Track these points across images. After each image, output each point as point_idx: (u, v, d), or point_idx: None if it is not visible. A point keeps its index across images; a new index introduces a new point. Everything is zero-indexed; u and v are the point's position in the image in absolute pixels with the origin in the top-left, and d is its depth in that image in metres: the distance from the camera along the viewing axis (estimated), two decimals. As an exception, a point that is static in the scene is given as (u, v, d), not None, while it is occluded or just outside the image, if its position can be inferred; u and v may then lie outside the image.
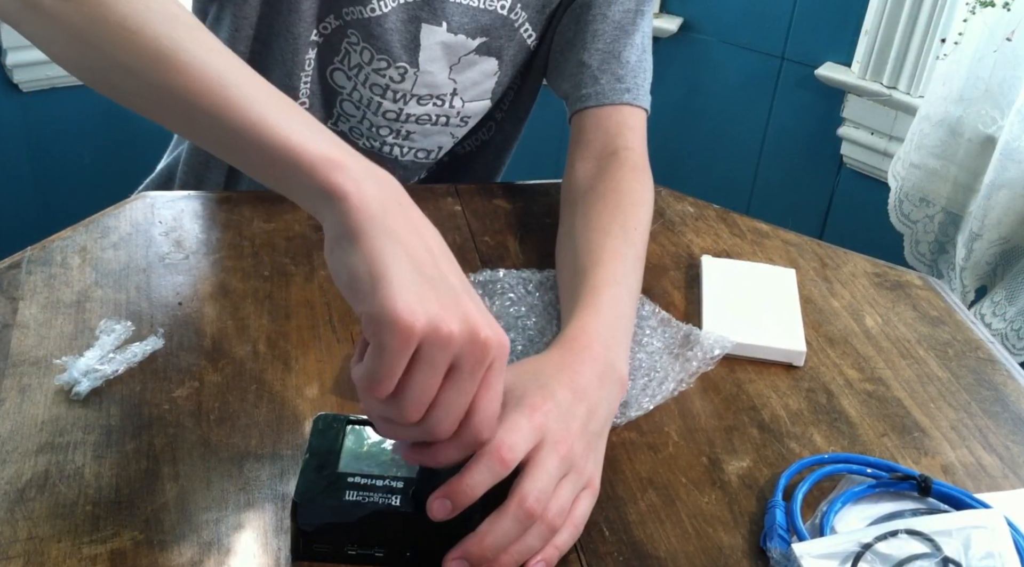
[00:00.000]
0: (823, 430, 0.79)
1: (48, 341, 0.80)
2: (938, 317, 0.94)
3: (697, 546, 0.68)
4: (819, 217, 2.20)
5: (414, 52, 1.01)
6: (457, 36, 1.02)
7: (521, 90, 1.14)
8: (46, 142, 2.04)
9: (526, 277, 0.92)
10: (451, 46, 1.02)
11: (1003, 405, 0.84)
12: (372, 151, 1.12)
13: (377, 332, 0.55)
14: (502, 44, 1.05)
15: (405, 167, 1.15)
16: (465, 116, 1.11)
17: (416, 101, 1.06)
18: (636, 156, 0.97)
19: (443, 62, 1.03)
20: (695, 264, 0.98)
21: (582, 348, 0.73)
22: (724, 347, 0.85)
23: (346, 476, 0.64)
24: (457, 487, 0.61)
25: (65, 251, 0.91)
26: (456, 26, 1.01)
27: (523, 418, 0.64)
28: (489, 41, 1.04)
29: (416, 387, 0.57)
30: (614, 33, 1.02)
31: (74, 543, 0.63)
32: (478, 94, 1.09)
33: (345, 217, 0.58)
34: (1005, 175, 1.70)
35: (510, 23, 1.04)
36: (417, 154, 1.14)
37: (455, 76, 1.05)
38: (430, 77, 1.04)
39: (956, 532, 0.64)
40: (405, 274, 0.56)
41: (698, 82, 2.27)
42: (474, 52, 1.04)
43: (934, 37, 1.90)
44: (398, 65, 1.02)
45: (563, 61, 1.05)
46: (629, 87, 1.01)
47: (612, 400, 0.73)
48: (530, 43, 1.07)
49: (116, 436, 0.72)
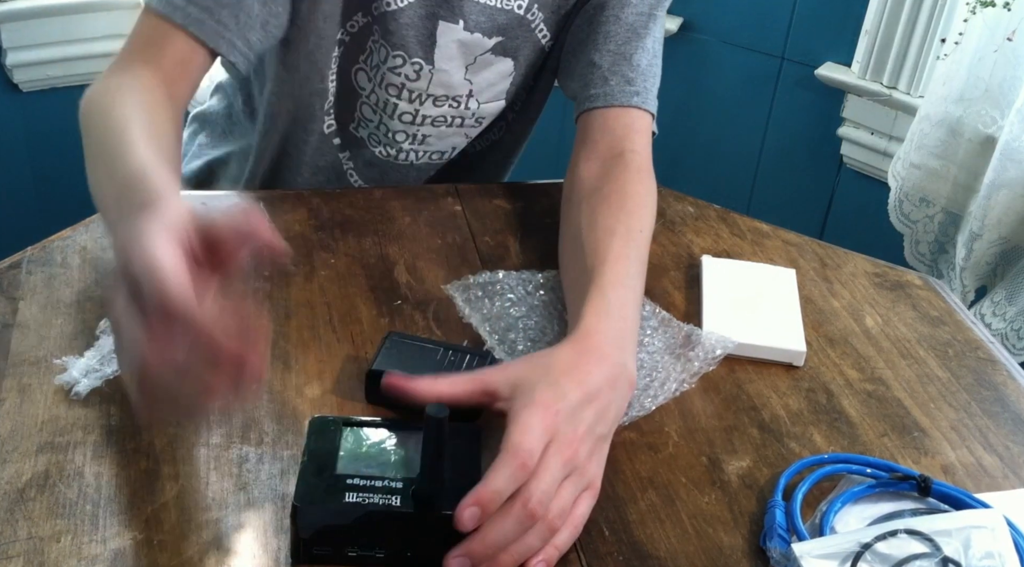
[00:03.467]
0: (823, 430, 0.79)
1: (48, 341, 0.80)
2: (938, 317, 0.94)
3: (697, 546, 0.68)
4: (819, 217, 2.20)
5: (430, 49, 1.01)
6: (474, 35, 1.02)
7: (534, 90, 1.14)
8: (46, 142, 2.04)
9: (526, 278, 0.92)
10: (467, 44, 1.02)
11: (1003, 405, 0.84)
12: (387, 159, 1.12)
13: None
14: (518, 44, 1.05)
15: (418, 169, 1.15)
16: (480, 117, 1.11)
17: (432, 102, 1.06)
18: (641, 159, 0.97)
19: (459, 61, 1.03)
20: (695, 264, 0.98)
21: (594, 348, 0.74)
22: (726, 347, 0.85)
23: (345, 478, 0.64)
24: (484, 495, 0.62)
25: (65, 251, 0.91)
26: (473, 24, 1.01)
27: (535, 418, 0.65)
28: (505, 41, 1.04)
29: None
30: (626, 35, 1.01)
31: (74, 543, 0.63)
32: (493, 95, 1.09)
33: None
34: (1005, 175, 1.70)
35: (526, 23, 1.04)
36: (431, 156, 1.14)
37: (471, 77, 1.05)
38: (445, 76, 1.04)
39: (956, 532, 0.64)
40: None
41: (698, 82, 2.27)
42: (490, 52, 1.04)
43: (934, 37, 1.90)
44: (413, 61, 1.02)
45: (574, 61, 1.05)
46: (638, 90, 1.00)
47: (621, 402, 0.74)
48: (544, 44, 1.07)
49: (116, 436, 0.72)
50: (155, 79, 0.88)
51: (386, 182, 1.15)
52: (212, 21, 0.89)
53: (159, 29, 0.90)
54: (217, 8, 0.90)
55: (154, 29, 0.90)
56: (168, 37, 0.89)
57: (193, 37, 0.89)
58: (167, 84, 0.89)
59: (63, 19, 1.95)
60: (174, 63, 0.90)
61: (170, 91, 0.89)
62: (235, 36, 0.91)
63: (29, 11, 1.90)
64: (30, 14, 1.91)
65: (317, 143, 1.11)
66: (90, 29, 1.97)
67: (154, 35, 0.90)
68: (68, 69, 1.97)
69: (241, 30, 0.91)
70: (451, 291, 0.90)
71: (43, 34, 1.94)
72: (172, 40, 0.90)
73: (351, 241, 0.97)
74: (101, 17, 1.97)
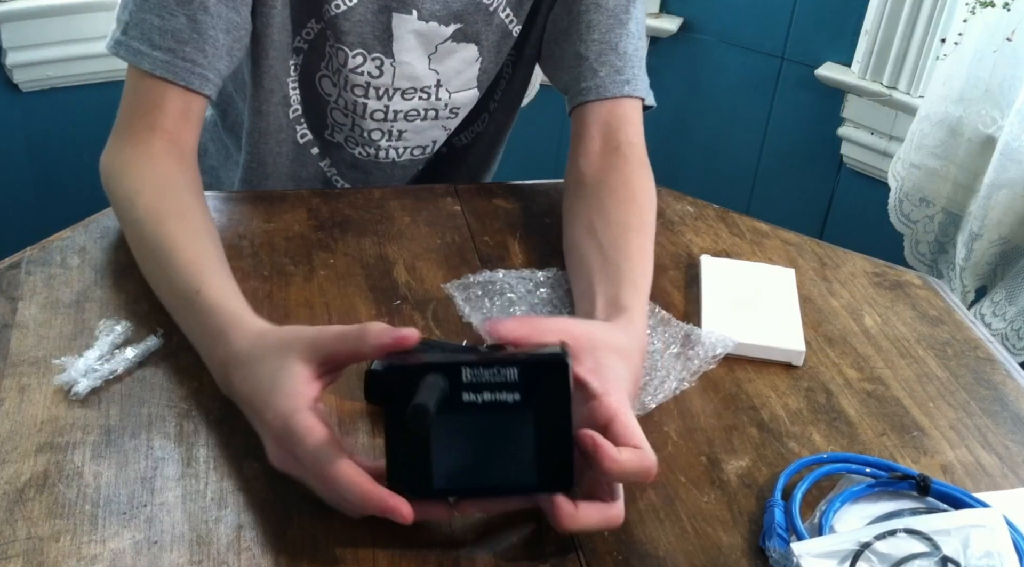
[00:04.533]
0: (822, 429, 0.79)
1: (47, 341, 0.80)
2: (937, 316, 0.94)
3: (696, 545, 0.68)
4: (819, 217, 2.20)
5: (388, 42, 1.01)
6: (429, 24, 1.01)
7: (512, 79, 1.14)
8: (46, 142, 2.04)
9: (526, 276, 0.92)
10: (425, 34, 1.02)
11: (1002, 404, 0.84)
12: (368, 158, 1.12)
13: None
14: (479, 30, 1.05)
15: (403, 167, 1.15)
16: (454, 107, 1.10)
17: (401, 96, 1.06)
18: (639, 151, 1.00)
19: (420, 51, 1.03)
20: (694, 264, 0.98)
21: (635, 351, 0.76)
22: (726, 346, 0.85)
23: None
24: (612, 461, 0.63)
25: (65, 251, 0.91)
26: (428, 13, 1.01)
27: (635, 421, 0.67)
28: (465, 27, 1.04)
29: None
30: (609, 23, 1.02)
31: (73, 543, 0.64)
32: (463, 83, 1.09)
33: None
34: (1005, 175, 1.70)
35: (484, 8, 1.03)
36: (413, 152, 1.14)
37: (436, 66, 1.05)
38: (409, 68, 1.04)
39: (955, 531, 0.64)
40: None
41: (698, 82, 2.27)
42: (451, 40, 1.04)
43: (934, 37, 1.90)
44: (373, 56, 1.02)
45: (559, 52, 1.05)
46: (628, 79, 1.01)
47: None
48: (512, 29, 1.07)
49: (115, 436, 0.72)
50: (162, 144, 0.90)
51: (372, 183, 1.15)
52: (179, 60, 0.90)
53: (145, 84, 0.91)
54: (179, 47, 0.90)
55: (142, 84, 0.91)
56: (157, 92, 0.91)
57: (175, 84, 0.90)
58: (175, 142, 0.91)
59: (63, 19, 1.95)
60: (175, 119, 0.91)
61: (181, 150, 0.91)
62: (206, 70, 0.91)
63: (29, 11, 1.90)
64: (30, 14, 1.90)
65: (294, 154, 1.11)
66: (90, 29, 1.97)
67: (149, 95, 0.91)
68: (68, 69, 1.96)
69: (211, 62, 0.91)
70: (451, 291, 0.90)
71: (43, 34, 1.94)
72: (165, 95, 0.91)
73: (350, 241, 0.97)
74: (101, 17, 1.97)
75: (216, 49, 0.92)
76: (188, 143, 0.93)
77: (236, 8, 0.93)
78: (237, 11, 0.93)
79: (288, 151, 1.10)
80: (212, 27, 0.91)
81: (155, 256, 0.83)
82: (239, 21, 0.94)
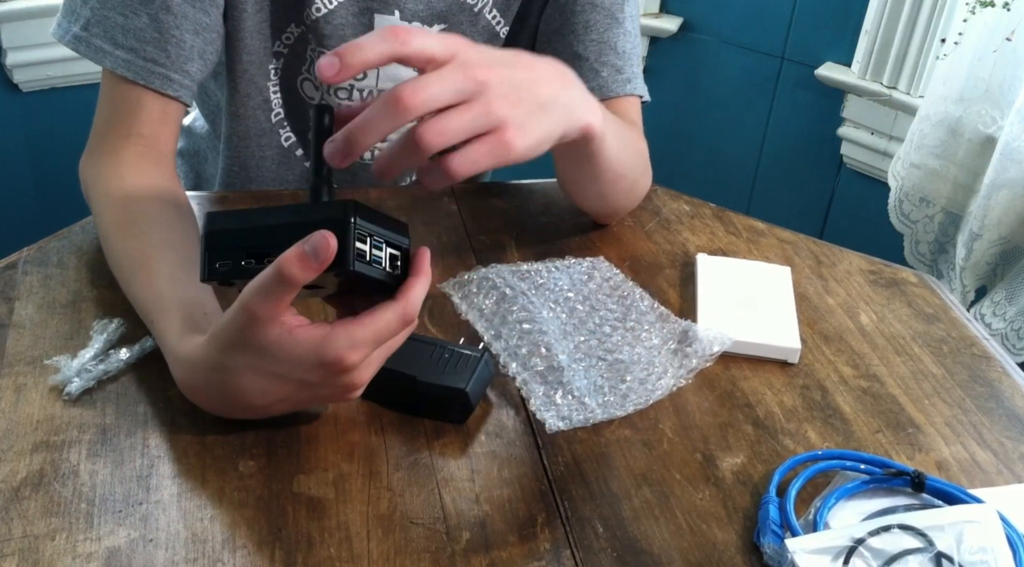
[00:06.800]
0: (817, 427, 0.79)
1: (44, 341, 0.80)
2: (933, 314, 0.94)
3: (691, 542, 0.68)
4: (819, 217, 2.20)
5: None
6: (412, 24, 1.01)
7: None
8: (46, 142, 2.04)
9: (524, 270, 0.92)
10: None
11: (997, 401, 0.84)
12: (360, 162, 1.12)
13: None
14: (464, 30, 1.05)
15: None
16: None
17: None
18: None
19: None
20: (690, 262, 0.98)
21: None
22: (724, 344, 0.85)
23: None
24: (347, 47, 0.61)
25: (61, 252, 0.91)
26: (410, 13, 1.01)
27: (437, 37, 0.64)
28: (448, 28, 1.04)
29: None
30: (606, 22, 1.02)
31: (68, 541, 0.64)
32: None
33: None
34: (1005, 175, 1.70)
35: (468, 7, 1.03)
36: None
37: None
38: (392, 69, 1.03)
39: (949, 527, 0.64)
40: None
41: (698, 82, 2.28)
42: None
43: (934, 37, 1.90)
44: None
45: (553, 52, 1.04)
46: (629, 77, 1.02)
47: (568, 94, 0.75)
48: (500, 30, 1.07)
49: (111, 435, 0.72)
50: (136, 150, 0.90)
51: (359, 184, 1.15)
52: (140, 59, 0.89)
53: (119, 89, 0.91)
54: (141, 46, 0.89)
55: (116, 89, 0.91)
56: (132, 98, 0.91)
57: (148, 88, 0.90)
58: (150, 146, 0.91)
59: (63, 21, 1.96)
60: (151, 124, 0.91)
61: (158, 154, 0.91)
62: (171, 70, 0.90)
63: (29, 11, 1.91)
64: (30, 14, 1.91)
65: (280, 157, 1.11)
66: (90, 31, 1.97)
67: (124, 100, 0.91)
68: (68, 69, 1.97)
69: (176, 63, 0.91)
70: (447, 289, 0.90)
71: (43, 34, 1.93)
72: (140, 100, 0.90)
73: (347, 240, 0.97)
74: (101, 19, 1.98)
75: (181, 50, 0.91)
76: (166, 146, 0.92)
77: (204, 9, 0.92)
78: (206, 12, 0.92)
79: (273, 155, 1.10)
80: (176, 27, 0.90)
81: (119, 272, 0.84)
82: (208, 23, 0.93)
